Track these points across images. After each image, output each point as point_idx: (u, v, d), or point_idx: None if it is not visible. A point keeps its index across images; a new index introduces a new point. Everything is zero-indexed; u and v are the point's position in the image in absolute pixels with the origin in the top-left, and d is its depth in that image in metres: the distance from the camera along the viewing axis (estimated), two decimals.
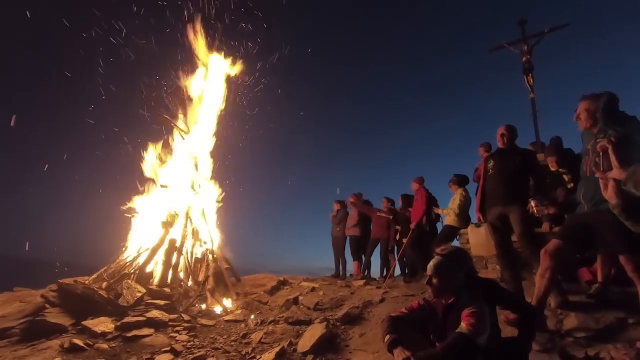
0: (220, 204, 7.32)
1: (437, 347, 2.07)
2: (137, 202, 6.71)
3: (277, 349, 3.55)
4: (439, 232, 6.38)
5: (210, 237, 6.64)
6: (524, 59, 7.75)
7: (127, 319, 4.29)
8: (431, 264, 2.26)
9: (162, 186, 6.76)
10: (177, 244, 5.95)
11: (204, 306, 5.16)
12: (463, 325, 1.97)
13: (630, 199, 0.97)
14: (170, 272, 5.60)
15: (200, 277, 5.78)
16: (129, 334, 4.04)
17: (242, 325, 4.52)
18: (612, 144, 0.94)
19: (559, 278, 3.45)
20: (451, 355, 1.91)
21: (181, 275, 5.79)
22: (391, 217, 7.16)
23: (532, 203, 3.11)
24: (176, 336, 4.14)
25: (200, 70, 7.46)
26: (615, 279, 3.68)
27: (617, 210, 1.03)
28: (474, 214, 6.07)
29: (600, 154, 1.01)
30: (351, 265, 7.71)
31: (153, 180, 6.87)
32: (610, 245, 2.68)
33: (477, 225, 4.88)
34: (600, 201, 2.59)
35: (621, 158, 0.93)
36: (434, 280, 2.21)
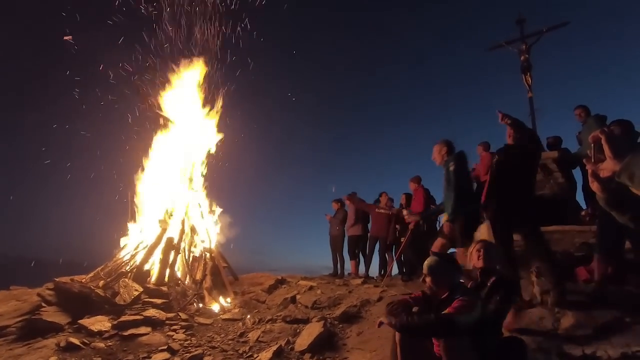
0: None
1: (417, 318, 2.13)
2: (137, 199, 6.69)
3: (274, 348, 3.54)
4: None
5: (207, 236, 6.62)
6: (522, 58, 7.75)
7: (124, 318, 4.28)
8: (426, 263, 2.34)
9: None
10: (175, 243, 5.93)
11: (201, 305, 5.15)
12: (447, 310, 2.09)
13: (614, 191, 0.96)
14: (168, 270, 5.58)
15: (198, 276, 5.77)
16: (126, 333, 4.02)
17: (240, 324, 4.51)
18: (605, 133, 0.93)
19: (561, 277, 3.47)
20: (428, 328, 2.09)
21: (178, 273, 5.77)
22: (390, 212, 7.15)
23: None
24: (173, 335, 4.13)
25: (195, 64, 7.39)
26: (613, 278, 3.70)
27: (602, 202, 1.02)
28: None
29: (592, 145, 1.00)
30: (349, 264, 7.71)
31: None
32: None
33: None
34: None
35: (615, 149, 0.91)
36: (428, 279, 2.30)
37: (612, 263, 3.64)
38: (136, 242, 6.19)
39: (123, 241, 6.37)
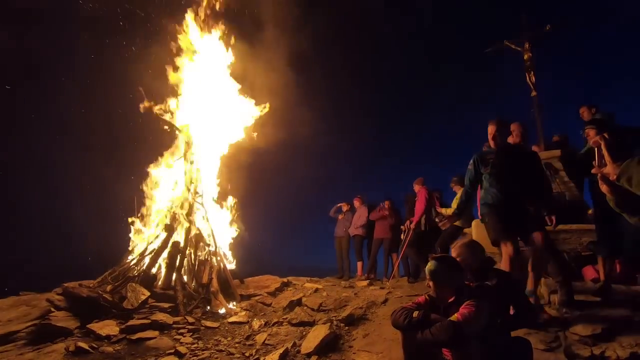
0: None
1: (427, 330, 2.10)
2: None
3: (280, 351, 3.55)
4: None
5: (214, 239, 6.65)
6: (525, 56, 7.71)
7: (131, 322, 4.31)
8: (427, 268, 2.34)
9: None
10: (181, 247, 5.97)
11: (207, 308, 5.18)
12: (455, 315, 2.04)
13: (624, 193, 0.98)
14: (174, 274, 5.61)
15: (204, 279, 5.79)
16: (134, 337, 4.06)
17: (246, 327, 4.53)
18: (605, 140, 0.95)
19: (568, 276, 3.44)
20: (435, 338, 2.03)
21: (185, 277, 5.80)
22: (387, 213, 7.20)
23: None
24: (180, 338, 4.16)
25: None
26: (623, 278, 3.66)
27: (612, 204, 1.03)
28: (477, 213, 6.07)
29: (595, 150, 1.02)
30: (355, 266, 7.71)
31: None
32: None
33: (483, 221, 4.83)
34: None
35: (614, 154, 0.93)
36: (430, 284, 2.30)
37: (620, 262, 3.60)
38: (143, 246, 6.24)
39: (130, 246, 6.42)
